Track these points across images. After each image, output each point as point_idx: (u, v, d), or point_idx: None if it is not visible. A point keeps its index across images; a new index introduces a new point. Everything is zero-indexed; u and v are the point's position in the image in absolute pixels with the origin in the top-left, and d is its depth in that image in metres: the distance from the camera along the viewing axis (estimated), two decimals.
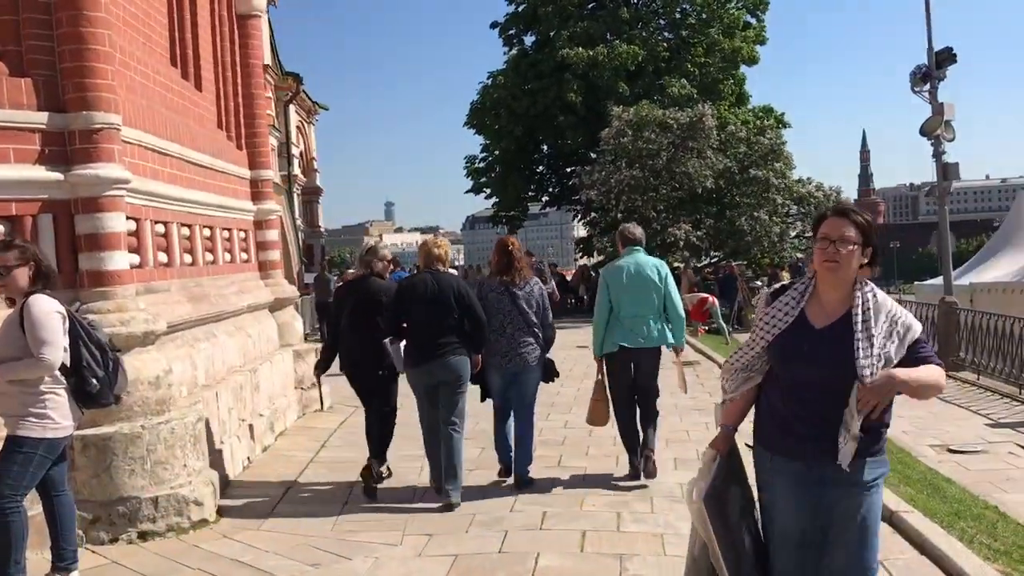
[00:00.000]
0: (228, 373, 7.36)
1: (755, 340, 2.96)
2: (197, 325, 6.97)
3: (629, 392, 6.50)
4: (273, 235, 9.75)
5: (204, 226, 7.65)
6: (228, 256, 8.48)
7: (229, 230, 8.53)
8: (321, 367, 6.89)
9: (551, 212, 77.97)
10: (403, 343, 6.10)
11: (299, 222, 27.32)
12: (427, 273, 6.15)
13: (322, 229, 32.04)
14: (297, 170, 27.36)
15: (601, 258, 31.49)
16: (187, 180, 7.19)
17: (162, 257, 6.59)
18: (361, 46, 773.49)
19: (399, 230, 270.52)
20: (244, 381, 7.44)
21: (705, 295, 18.45)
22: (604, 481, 6.53)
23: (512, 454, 6.43)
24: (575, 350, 13.79)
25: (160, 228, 6.57)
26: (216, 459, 6.24)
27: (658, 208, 24.60)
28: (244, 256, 9.06)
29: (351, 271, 26.25)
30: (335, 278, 19.20)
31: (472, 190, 32.39)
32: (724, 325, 18.48)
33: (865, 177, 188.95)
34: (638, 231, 6.68)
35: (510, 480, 6.45)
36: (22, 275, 4.08)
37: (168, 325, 5.96)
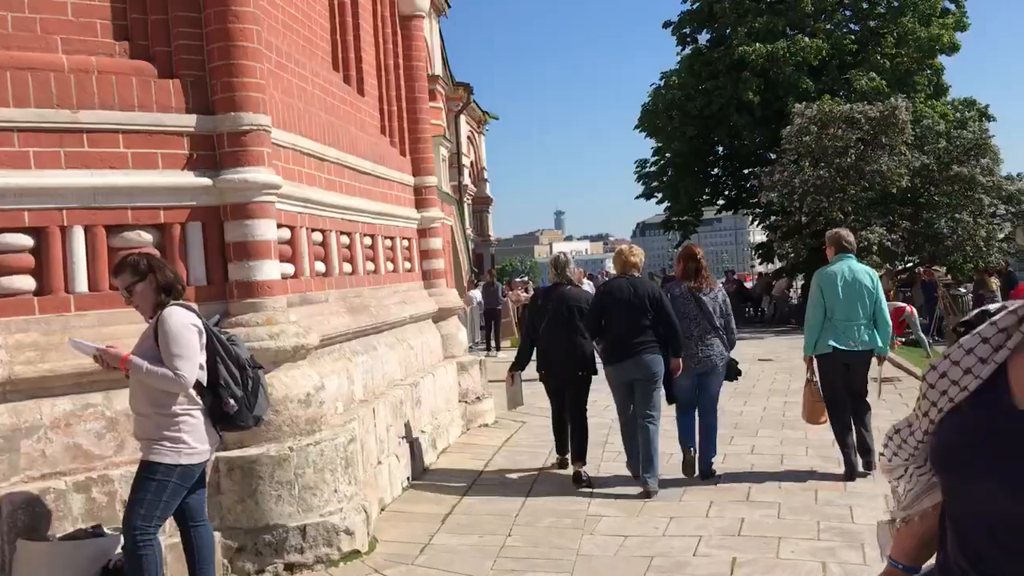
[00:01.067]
0: (388, 387, 7.02)
1: (919, 414, 1.58)
2: (356, 337, 6.65)
3: (841, 393, 6.70)
4: (437, 243, 9.42)
5: (365, 234, 7.37)
6: (390, 265, 8.20)
7: (391, 238, 8.24)
8: (517, 365, 7.55)
9: (725, 217, 75.37)
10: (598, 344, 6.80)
11: (469, 231, 27.43)
12: (624, 279, 6.75)
13: (492, 238, 32.13)
14: (468, 180, 27.50)
15: (781, 264, 29.78)
16: (346, 187, 6.91)
17: (319, 267, 6.31)
18: (530, 53, 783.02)
19: (569, 238, 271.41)
20: (404, 396, 7.07)
21: (903, 304, 16.79)
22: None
23: (696, 447, 6.79)
24: (756, 364, 12.73)
25: (317, 236, 6.28)
26: (372, 481, 5.87)
27: (846, 210, 22.79)
28: (407, 265, 8.77)
29: (519, 279, 25.95)
30: (503, 286, 18.97)
31: (643, 195, 31.43)
32: (924, 337, 16.74)
33: None
34: (852, 237, 6.98)
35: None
36: (146, 291, 3.80)
37: (324, 337, 5.64)
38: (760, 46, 25.69)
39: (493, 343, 18.66)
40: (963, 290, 23.73)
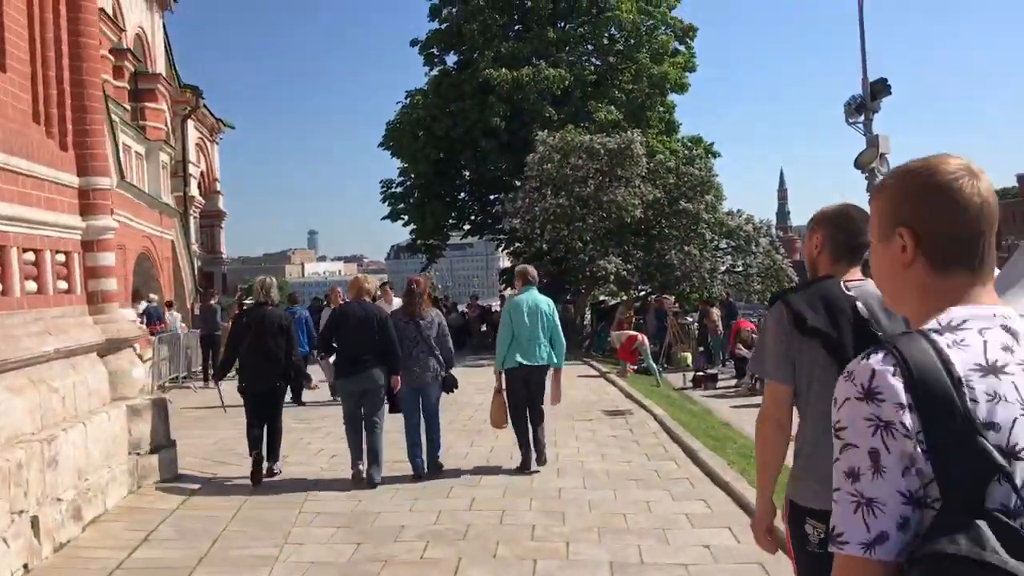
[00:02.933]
0: (4, 446, 5.36)
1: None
2: None
3: (523, 400, 8.05)
4: (108, 259, 7.73)
5: None
6: (32, 285, 6.49)
7: (34, 251, 6.54)
8: (219, 373, 9.25)
9: (477, 242, 76.39)
10: (332, 358, 8.28)
11: (196, 248, 25.00)
12: (356, 303, 7.83)
13: (224, 255, 29.66)
14: (195, 191, 25.09)
15: None
16: None
17: None
18: (273, 60, 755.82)
19: (322, 258, 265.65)
20: (28, 456, 5.43)
21: (634, 333, 16.94)
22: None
23: (422, 458, 7.82)
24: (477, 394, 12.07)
25: None
26: None
27: (585, 239, 23.14)
28: (62, 285, 7.06)
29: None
30: (221, 309, 17.05)
31: (389, 216, 30.42)
32: (654, 365, 16.97)
33: (783, 215, 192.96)
34: (534, 272, 8.52)
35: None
36: None
37: None
38: (506, 71, 25.69)
39: (211, 372, 16.71)
40: (690, 319, 24.85)
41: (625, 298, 25.13)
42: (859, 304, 2.58)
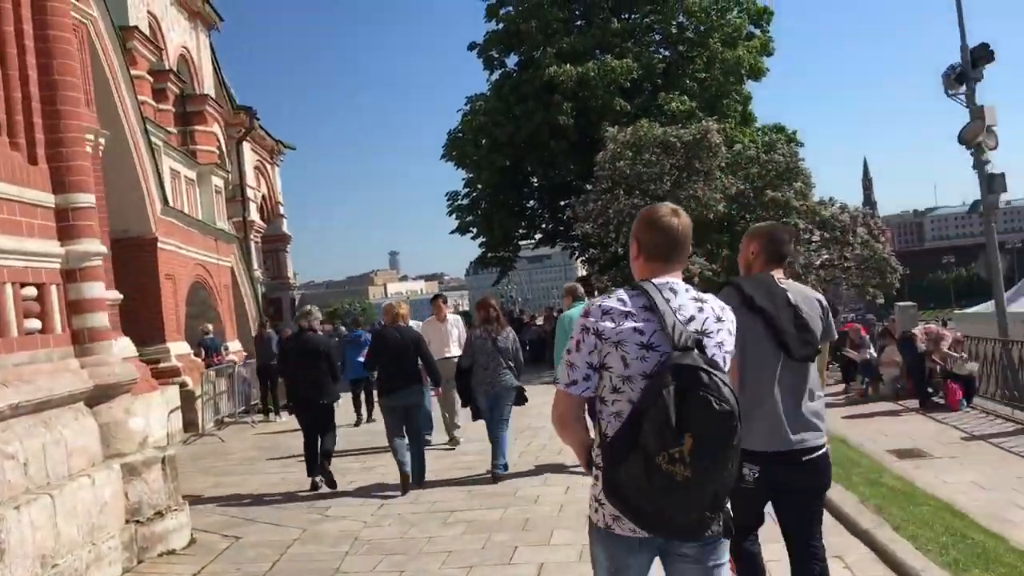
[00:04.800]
0: None
1: None
2: None
3: None
4: (95, 290, 6.50)
5: None
6: None
7: None
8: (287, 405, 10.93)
9: (554, 253, 74.59)
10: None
11: (259, 273, 24.17)
12: (392, 327, 8.51)
13: (291, 280, 28.84)
14: (255, 215, 24.28)
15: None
16: None
17: None
18: (341, 87, 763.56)
19: (404, 278, 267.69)
20: None
21: None
22: None
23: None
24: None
25: None
26: None
27: None
28: (33, 324, 5.86)
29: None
30: (277, 338, 15.95)
31: (457, 230, 29.19)
32: None
33: (869, 204, 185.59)
34: (582, 290, 9.10)
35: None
36: None
37: None
38: (570, 67, 24.21)
39: (271, 406, 15.68)
40: None
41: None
42: (790, 295, 3.51)
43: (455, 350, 10.17)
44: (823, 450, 3.48)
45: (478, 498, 7.67)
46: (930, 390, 12.71)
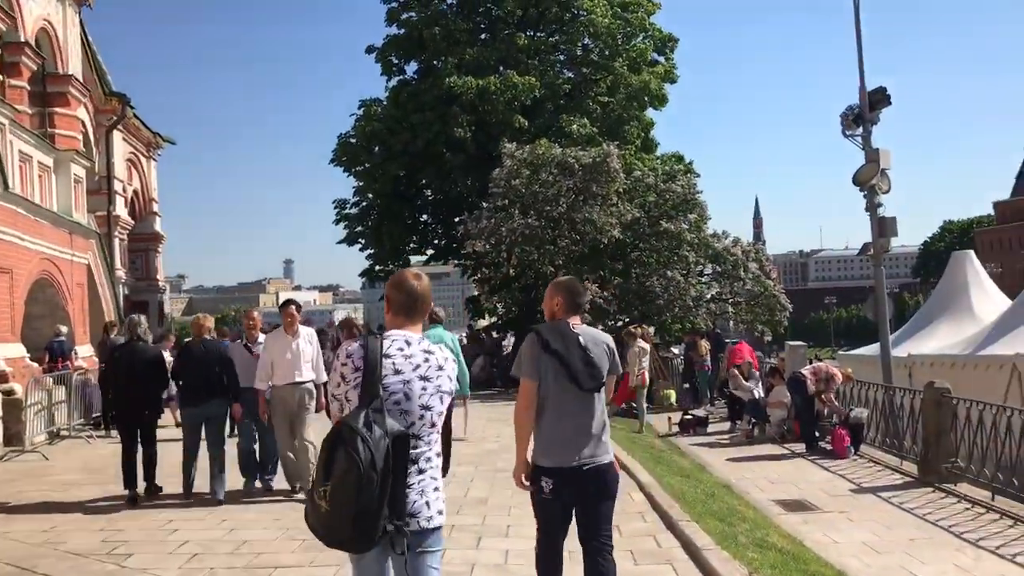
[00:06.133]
0: None
1: None
2: None
3: None
4: None
5: None
6: None
7: None
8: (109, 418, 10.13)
9: (453, 271, 73.33)
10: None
11: (122, 274, 22.31)
12: (200, 341, 8.67)
13: (160, 282, 26.91)
14: (121, 210, 22.45)
15: (493, 320, 27.47)
16: None
17: None
18: (242, 80, 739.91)
19: (298, 288, 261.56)
20: None
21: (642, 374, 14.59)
22: None
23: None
24: None
25: None
26: None
27: (556, 262, 20.75)
28: None
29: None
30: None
31: (345, 240, 27.80)
32: (644, 410, 14.57)
33: (759, 241, 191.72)
34: (442, 312, 10.11)
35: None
36: None
37: None
38: (471, 79, 23.41)
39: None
40: (675, 351, 22.51)
41: (601, 327, 22.76)
42: (581, 338, 4.14)
43: (307, 373, 8.27)
44: (609, 464, 4.12)
45: None
46: (817, 434, 12.28)
